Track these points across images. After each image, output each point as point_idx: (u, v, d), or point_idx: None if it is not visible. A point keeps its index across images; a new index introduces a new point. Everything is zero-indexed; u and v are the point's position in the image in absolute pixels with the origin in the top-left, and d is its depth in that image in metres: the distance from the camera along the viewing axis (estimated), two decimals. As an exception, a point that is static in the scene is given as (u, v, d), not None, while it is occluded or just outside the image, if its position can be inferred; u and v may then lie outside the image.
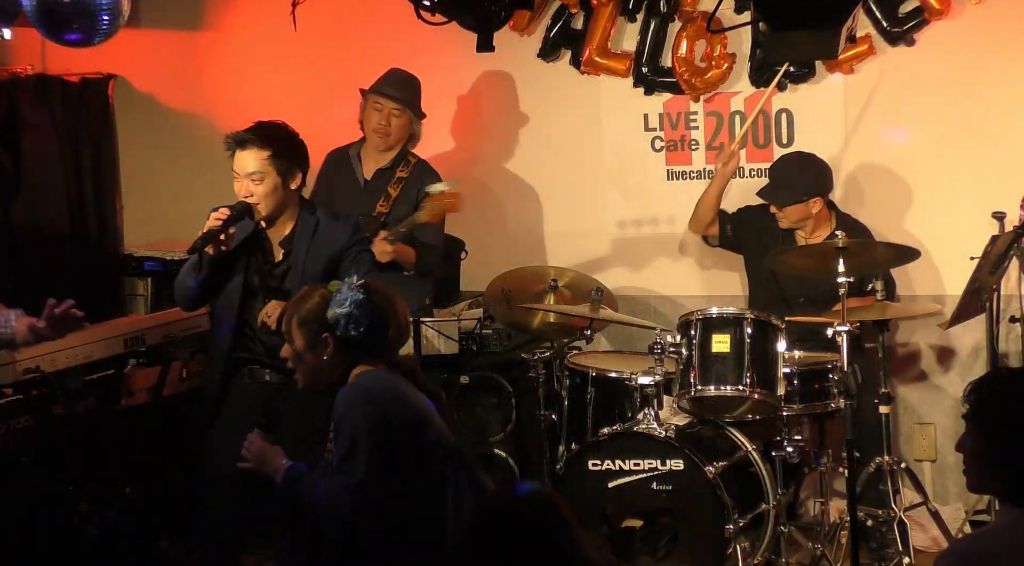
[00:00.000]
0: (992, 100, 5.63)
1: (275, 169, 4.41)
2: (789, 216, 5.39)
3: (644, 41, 5.95)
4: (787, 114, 5.88)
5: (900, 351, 5.81)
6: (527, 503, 2.66)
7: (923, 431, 5.80)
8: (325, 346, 3.57)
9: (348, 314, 3.55)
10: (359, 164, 5.62)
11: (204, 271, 4.40)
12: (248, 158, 4.40)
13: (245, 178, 4.41)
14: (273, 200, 4.43)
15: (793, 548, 5.00)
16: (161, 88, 6.63)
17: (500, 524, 2.62)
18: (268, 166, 4.39)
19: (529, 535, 2.59)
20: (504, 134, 6.19)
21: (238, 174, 4.43)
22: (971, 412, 2.93)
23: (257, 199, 4.41)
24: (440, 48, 6.02)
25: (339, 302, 3.56)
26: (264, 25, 6.39)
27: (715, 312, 4.97)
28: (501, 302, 5.52)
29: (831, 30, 3.83)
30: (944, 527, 5.08)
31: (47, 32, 5.83)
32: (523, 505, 2.66)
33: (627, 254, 6.14)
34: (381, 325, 3.60)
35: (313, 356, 3.59)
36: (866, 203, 5.78)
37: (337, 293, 3.58)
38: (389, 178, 5.55)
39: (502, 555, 2.56)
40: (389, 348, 3.65)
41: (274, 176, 4.41)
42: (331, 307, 3.56)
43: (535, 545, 2.57)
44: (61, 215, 6.29)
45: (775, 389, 4.83)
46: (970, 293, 5.12)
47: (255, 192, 4.40)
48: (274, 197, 4.43)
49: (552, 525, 2.60)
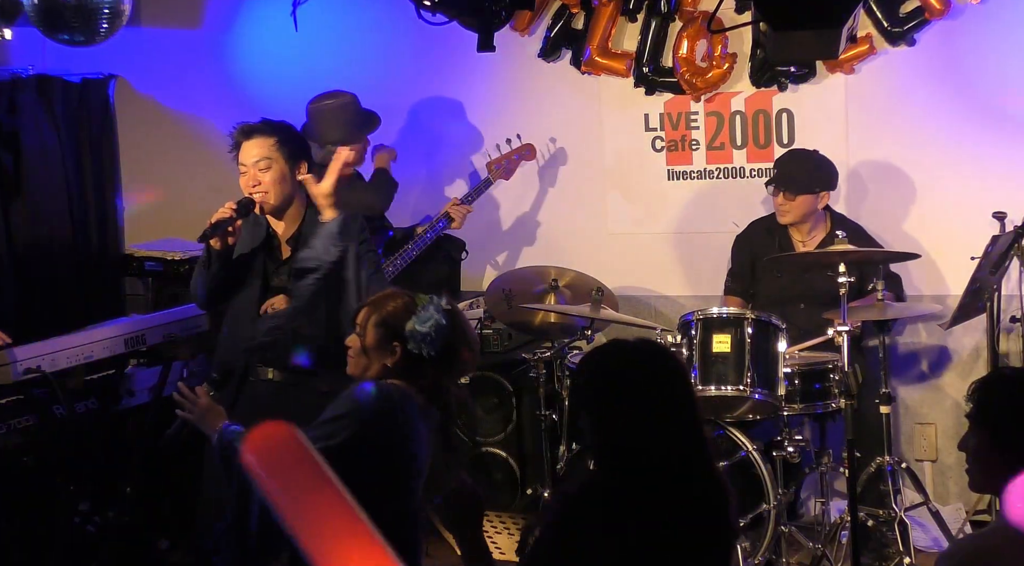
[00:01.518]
0: (993, 100, 5.63)
1: (282, 155, 4.37)
2: (796, 209, 5.38)
3: (645, 41, 5.95)
4: (787, 114, 5.88)
5: (901, 351, 5.82)
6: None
7: (924, 431, 5.81)
8: (392, 354, 3.53)
9: (426, 334, 3.50)
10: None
11: (213, 266, 4.38)
12: (254, 147, 4.37)
13: (252, 168, 4.36)
14: (281, 189, 4.38)
15: (794, 548, 5.00)
16: (161, 88, 6.63)
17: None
18: (275, 152, 4.36)
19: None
20: (505, 134, 6.19)
21: (244, 165, 4.38)
22: (974, 412, 2.94)
23: (265, 187, 4.35)
24: (440, 48, 6.02)
25: (422, 319, 3.51)
26: (265, 25, 6.39)
27: (716, 312, 4.98)
28: (501, 302, 5.52)
29: (832, 30, 3.83)
30: (945, 527, 5.08)
31: (47, 32, 5.83)
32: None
33: (628, 254, 6.14)
34: (451, 353, 3.56)
35: (376, 357, 3.55)
36: (867, 203, 5.78)
37: (423, 309, 3.53)
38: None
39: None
40: (444, 375, 3.59)
41: (282, 162, 4.37)
42: (412, 321, 3.52)
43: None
44: (61, 215, 6.29)
45: (776, 389, 4.84)
46: (971, 293, 5.13)
47: (263, 180, 4.35)
48: (282, 186, 4.37)
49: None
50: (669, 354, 3.10)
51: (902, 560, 4.84)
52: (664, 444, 2.90)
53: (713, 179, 6.00)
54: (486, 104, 6.27)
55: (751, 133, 5.92)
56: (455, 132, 6.31)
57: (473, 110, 6.29)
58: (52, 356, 4.67)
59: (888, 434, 5.02)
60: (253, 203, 4.36)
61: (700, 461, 2.95)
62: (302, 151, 4.46)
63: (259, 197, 4.37)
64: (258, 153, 4.36)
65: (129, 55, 6.52)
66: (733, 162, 5.97)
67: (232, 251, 4.39)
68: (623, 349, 3.09)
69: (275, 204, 4.39)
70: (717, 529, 2.96)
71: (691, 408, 2.97)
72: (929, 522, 5.21)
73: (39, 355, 4.63)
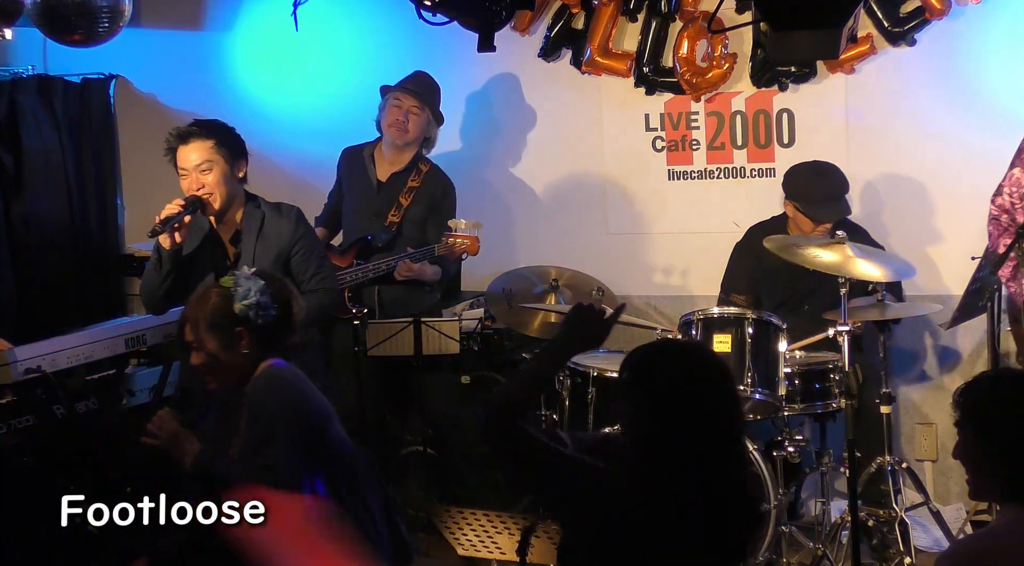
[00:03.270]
0: (993, 100, 5.63)
1: (222, 157, 4.47)
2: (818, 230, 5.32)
3: (645, 41, 5.95)
4: (788, 114, 5.88)
5: (901, 351, 5.81)
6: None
7: (924, 431, 5.80)
8: (240, 340, 3.56)
9: (256, 303, 3.54)
10: (372, 165, 5.64)
11: (165, 266, 4.44)
12: (193, 151, 4.47)
13: (193, 171, 4.46)
14: (224, 189, 4.48)
15: (794, 548, 5.00)
16: (162, 88, 6.63)
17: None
18: (215, 154, 4.46)
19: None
20: (505, 134, 6.19)
21: (185, 170, 4.48)
22: (962, 417, 2.91)
23: (209, 189, 4.46)
24: (441, 48, 6.01)
25: (243, 295, 3.55)
26: (265, 25, 6.39)
27: (716, 312, 4.97)
28: (502, 302, 5.52)
29: (832, 30, 3.83)
30: (945, 527, 5.08)
31: (48, 32, 5.84)
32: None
33: (628, 254, 6.14)
34: (287, 308, 3.62)
35: (230, 354, 3.57)
36: (867, 203, 5.78)
37: (236, 286, 3.57)
38: (402, 186, 5.56)
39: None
40: (296, 330, 3.66)
41: (222, 164, 4.47)
42: (236, 301, 3.55)
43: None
44: (62, 215, 6.29)
45: (776, 389, 4.83)
46: (971, 293, 5.13)
47: (206, 182, 4.45)
48: (225, 186, 4.48)
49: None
50: (717, 363, 3.07)
51: (903, 560, 4.83)
52: (696, 450, 2.93)
53: (713, 179, 6.00)
54: (486, 104, 6.27)
55: (751, 133, 5.92)
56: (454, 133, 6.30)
57: (473, 111, 6.28)
58: (52, 356, 4.68)
59: (889, 434, 5.02)
60: (201, 200, 4.44)
61: (728, 472, 2.97)
62: (240, 151, 4.55)
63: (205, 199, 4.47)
64: (198, 156, 4.46)
65: (130, 55, 6.52)
66: (734, 162, 5.97)
67: (181, 250, 4.46)
68: (675, 350, 3.13)
69: (219, 206, 4.49)
70: (722, 542, 2.97)
71: (730, 419, 2.98)
72: (930, 522, 5.20)
73: (39, 355, 4.63)
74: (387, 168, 5.63)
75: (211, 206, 4.47)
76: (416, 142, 5.61)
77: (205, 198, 4.46)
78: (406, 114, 5.57)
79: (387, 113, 5.60)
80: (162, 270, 4.45)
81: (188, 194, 4.47)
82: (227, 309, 3.56)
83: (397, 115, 5.57)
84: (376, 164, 5.65)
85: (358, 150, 5.72)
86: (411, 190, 5.56)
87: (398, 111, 5.57)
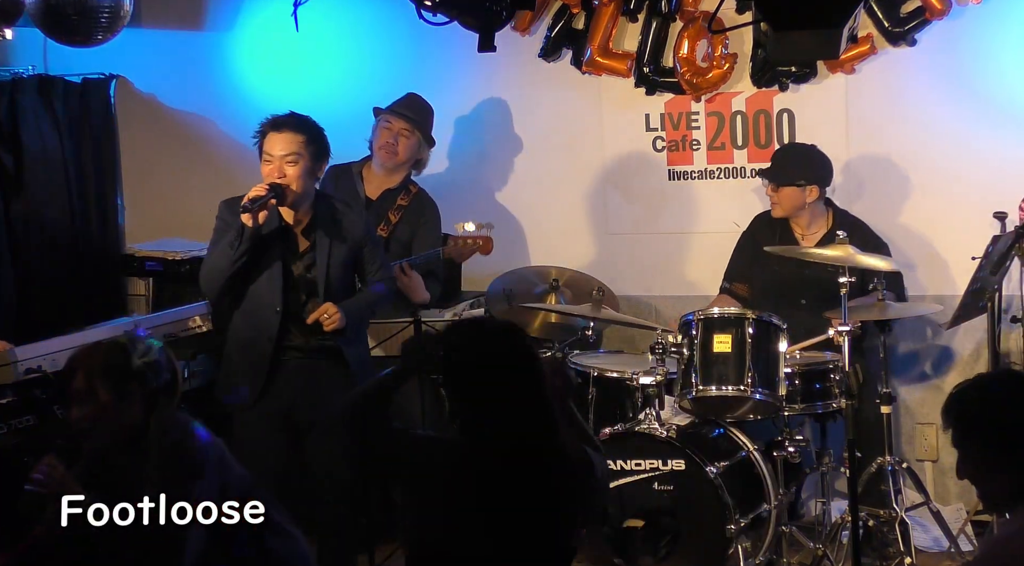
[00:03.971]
0: (993, 100, 5.63)
1: (309, 153, 4.60)
2: (784, 201, 5.40)
3: (645, 41, 5.95)
4: (788, 114, 5.87)
5: (901, 351, 5.81)
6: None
7: (924, 431, 5.80)
8: (134, 399, 3.45)
9: (155, 362, 3.48)
10: (361, 182, 5.66)
11: (244, 245, 4.53)
12: (284, 140, 4.58)
13: (278, 160, 4.57)
14: (303, 183, 4.60)
15: (794, 548, 5.00)
16: (162, 88, 6.63)
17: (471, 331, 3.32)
18: (304, 148, 4.59)
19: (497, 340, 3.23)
20: (505, 134, 6.19)
21: (270, 156, 4.58)
22: (956, 432, 2.84)
23: (290, 180, 4.56)
24: (441, 48, 6.01)
25: (142, 352, 3.48)
26: (266, 25, 6.39)
27: (716, 312, 4.98)
28: (502, 302, 5.52)
29: (832, 30, 3.83)
30: (946, 527, 5.08)
31: (48, 32, 5.83)
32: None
33: (628, 254, 6.14)
34: (175, 378, 3.56)
35: (122, 410, 3.45)
36: (867, 203, 5.77)
37: (132, 343, 3.50)
38: (392, 203, 5.58)
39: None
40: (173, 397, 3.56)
41: (307, 160, 4.60)
42: (135, 357, 3.46)
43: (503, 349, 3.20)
44: (62, 215, 6.28)
45: (777, 389, 4.83)
46: (971, 293, 5.13)
47: (288, 173, 4.56)
48: (304, 181, 4.60)
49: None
50: (520, 338, 3.32)
51: (903, 560, 4.84)
52: (509, 419, 3.17)
53: (714, 179, 6.00)
54: (487, 104, 6.27)
55: (752, 133, 5.92)
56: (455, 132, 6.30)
57: (473, 111, 6.28)
58: (53, 356, 4.68)
59: (889, 434, 5.02)
60: (282, 187, 4.55)
61: (546, 436, 3.19)
62: (325, 152, 4.70)
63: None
64: (287, 147, 4.57)
65: (130, 55, 6.51)
66: (734, 162, 5.97)
67: (261, 232, 4.54)
68: (480, 329, 3.41)
69: (295, 197, 4.59)
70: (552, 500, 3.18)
71: (536, 390, 3.20)
72: (930, 522, 5.21)
73: (40, 355, 4.64)
74: (377, 186, 5.65)
75: (289, 196, 4.57)
76: (406, 165, 5.64)
77: (285, 187, 4.56)
78: (396, 137, 5.59)
79: (378, 135, 5.63)
80: (239, 248, 4.53)
81: (268, 180, 4.56)
82: (125, 363, 3.46)
83: (387, 137, 5.59)
84: (366, 182, 5.67)
85: (346, 167, 5.72)
86: (400, 208, 5.59)
87: (388, 133, 5.60)
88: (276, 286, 4.61)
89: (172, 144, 6.62)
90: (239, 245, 4.53)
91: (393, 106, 5.66)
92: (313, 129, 4.66)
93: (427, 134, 5.67)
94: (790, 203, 5.40)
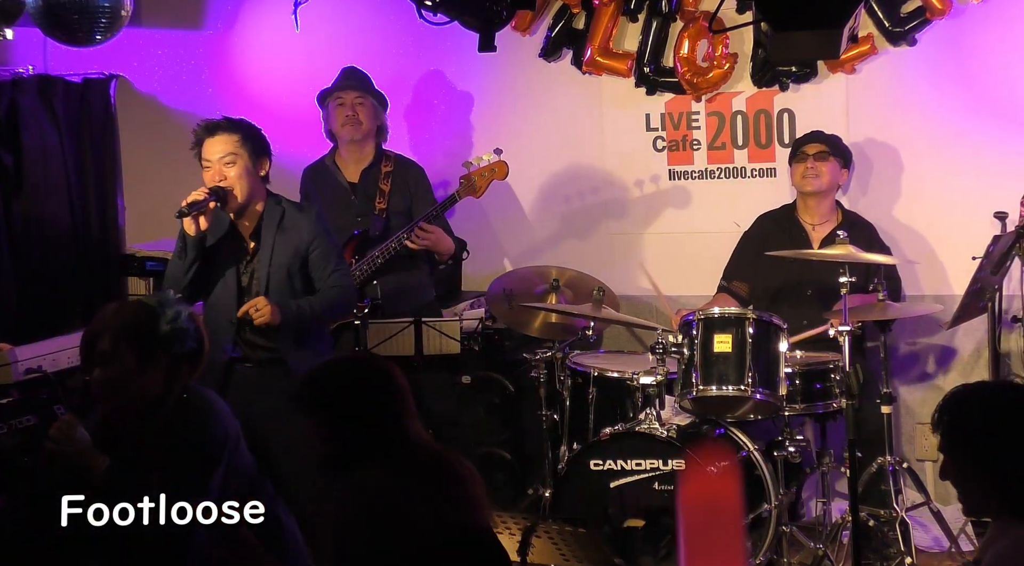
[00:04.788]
0: (993, 100, 5.63)
1: (246, 151, 4.53)
2: (825, 175, 5.45)
3: (646, 41, 5.95)
4: (788, 114, 5.88)
5: (902, 351, 5.81)
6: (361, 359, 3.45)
7: (925, 431, 5.80)
8: (155, 363, 3.42)
9: (183, 329, 3.43)
10: (338, 170, 5.64)
11: (190, 254, 4.48)
12: (219, 142, 4.53)
13: (217, 163, 4.52)
14: (246, 184, 4.53)
15: (795, 548, 5.00)
16: (163, 88, 6.63)
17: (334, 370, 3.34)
18: (239, 148, 4.53)
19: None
20: (506, 133, 6.19)
21: (208, 161, 4.54)
22: (946, 437, 2.84)
23: (231, 182, 4.51)
24: (442, 48, 6.01)
25: (171, 317, 3.42)
26: (266, 25, 6.39)
27: (717, 312, 4.97)
28: (502, 302, 5.52)
29: (833, 30, 3.83)
30: (946, 527, 5.08)
31: (48, 32, 5.83)
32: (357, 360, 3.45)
33: (628, 254, 6.13)
34: (200, 346, 3.52)
35: (143, 375, 3.41)
36: (868, 203, 5.78)
37: (163, 307, 3.44)
38: (376, 176, 5.57)
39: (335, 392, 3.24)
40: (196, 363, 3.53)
41: (245, 158, 4.53)
42: (162, 321, 3.41)
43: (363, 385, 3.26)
44: (63, 215, 6.28)
45: (777, 389, 4.83)
46: (972, 293, 5.13)
47: (228, 175, 4.51)
48: (247, 181, 4.53)
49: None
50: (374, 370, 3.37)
51: (903, 560, 4.84)
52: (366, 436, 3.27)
53: (714, 179, 6.00)
54: (487, 104, 6.27)
55: (752, 133, 5.92)
56: (455, 133, 6.30)
57: (474, 110, 6.28)
58: (53, 356, 4.68)
59: (889, 434, 5.02)
60: (224, 190, 4.49)
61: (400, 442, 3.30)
62: (264, 148, 4.61)
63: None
64: (223, 148, 4.52)
65: (130, 55, 6.52)
66: (734, 162, 5.97)
67: (206, 238, 4.50)
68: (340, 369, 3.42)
69: (241, 200, 4.54)
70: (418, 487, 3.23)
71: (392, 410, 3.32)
72: (930, 522, 5.21)
73: (40, 355, 4.64)
74: (355, 168, 5.64)
75: (233, 199, 4.52)
76: (371, 133, 5.63)
77: (227, 190, 4.51)
78: (353, 108, 5.60)
79: (334, 115, 5.63)
80: (187, 257, 4.50)
81: (210, 185, 4.52)
82: (152, 326, 3.40)
83: (345, 112, 5.60)
84: (342, 169, 5.66)
85: (319, 164, 5.73)
86: (387, 176, 5.58)
87: (344, 108, 5.60)
88: (231, 295, 4.53)
89: (172, 144, 6.60)
90: (185, 254, 4.49)
91: (336, 84, 5.68)
92: (247, 128, 4.60)
93: (378, 96, 5.67)
94: (831, 178, 5.45)
